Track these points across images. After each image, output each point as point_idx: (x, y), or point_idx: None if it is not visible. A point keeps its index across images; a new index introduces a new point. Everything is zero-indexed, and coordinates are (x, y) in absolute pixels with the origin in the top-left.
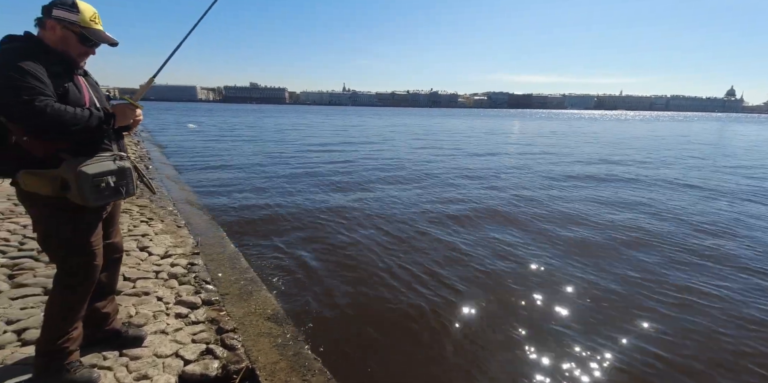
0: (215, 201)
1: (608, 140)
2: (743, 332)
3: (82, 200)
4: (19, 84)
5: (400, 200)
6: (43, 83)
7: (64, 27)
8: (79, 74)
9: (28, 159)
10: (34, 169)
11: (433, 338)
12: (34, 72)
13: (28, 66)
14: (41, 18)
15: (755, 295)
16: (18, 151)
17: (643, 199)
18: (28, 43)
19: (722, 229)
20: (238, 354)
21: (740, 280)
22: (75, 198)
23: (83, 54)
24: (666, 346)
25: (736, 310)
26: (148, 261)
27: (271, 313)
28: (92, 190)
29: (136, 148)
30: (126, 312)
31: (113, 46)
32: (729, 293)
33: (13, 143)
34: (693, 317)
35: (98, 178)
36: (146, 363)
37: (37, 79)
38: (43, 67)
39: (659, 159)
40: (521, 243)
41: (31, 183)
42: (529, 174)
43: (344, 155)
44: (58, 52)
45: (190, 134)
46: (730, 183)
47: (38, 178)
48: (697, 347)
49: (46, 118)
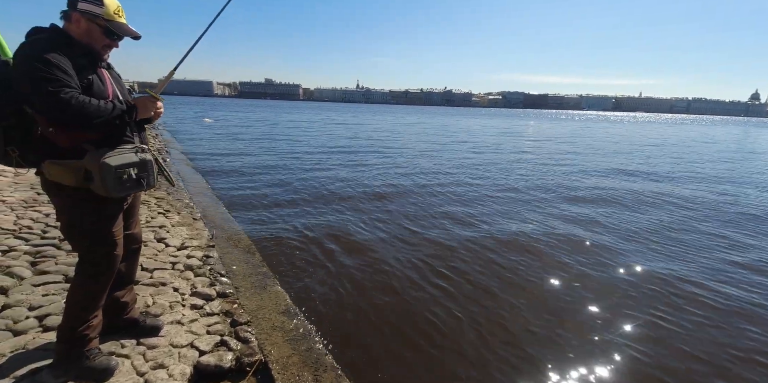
0: (231, 194)
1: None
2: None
3: (104, 191)
4: (45, 75)
5: (423, 200)
6: (69, 75)
7: (88, 20)
8: (103, 67)
9: (53, 149)
10: (58, 159)
11: (448, 340)
12: (59, 64)
13: (54, 58)
14: (67, 11)
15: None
16: (43, 142)
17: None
18: (53, 35)
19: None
20: (252, 347)
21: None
22: (98, 189)
23: (107, 47)
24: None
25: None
26: (165, 252)
27: (284, 308)
28: (115, 182)
29: (154, 141)
30: (143, 302)
31: (136, 39)
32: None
33: (39, 134)
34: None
35: (121, 170)
36: (163, 353)
37: (63, 71)
38: (68, 59)
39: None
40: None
41: (55, 173)
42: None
43: (364, 155)
44: (83, 44)
45: (206, 128)
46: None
47: (62, 168)
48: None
49: (71, 110)
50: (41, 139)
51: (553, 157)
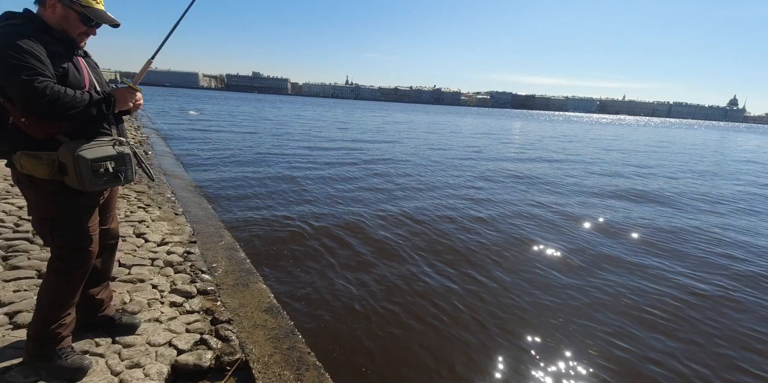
0: (215, 189)
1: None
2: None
3: (79, 185)
4: (18, 63)
5: (408, 193)
6: (43, 63)
7: (64, 5)
8: (79, 55)
9: (26, 140)
10: (31, 150)
11: (433, 339)
12: (33, 51)
13: (27, 44)
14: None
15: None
16: (16, 132)
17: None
18: (26, 21)
19: None
20: (232, 346)
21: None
22: (72, 183)
23: (84, 34)
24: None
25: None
26: (144, 247)
27: (266, 305)
28: (90, 175)
29: (135, 133)
30: (120, 299)
31: (115, 27)
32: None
33: (11, 124)
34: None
35: (97, 163)
36: (139, 351)
37: (37, 58)
38: (43, 46)
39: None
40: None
41: (27, 165)
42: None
43: (347, 153)
44: (58, 31)
45: (191, 121)
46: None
47: (35, 160)
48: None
49: (45, 100)
50: (13, 128)
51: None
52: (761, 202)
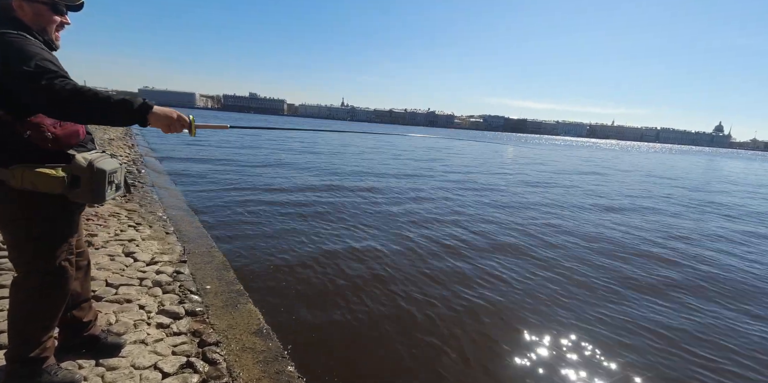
0: (207, 208)
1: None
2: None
3: (90, 197)
4: (38, 69)
5: (394, 213)
6: (57, 66)
7: (28, 2)
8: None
9: (32, 153)
10: (40, 163)
11: (425, 363)
12: (46, 56)
13: (36, 48)
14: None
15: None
16: (16, 144)
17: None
18: (17, 24)
19: None
20: (220, 369)
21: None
22: (80, 196)
23: (59, 26)
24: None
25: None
26: (133, 267)
27: (256, 328)
28: (104, 187)
29: (129, 151)
30: (106, 320)
31: (78, 10)
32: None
33: (14, 136)
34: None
35: (112, 175)
36: (123, 375)
37: (51, 62)
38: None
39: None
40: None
41: (36, 179)
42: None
43: (345, 175)
44: (38, 32)
45: (186, 140)
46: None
47: (49, 173)
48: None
49: (77, 99)
50: (14, 141)
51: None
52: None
